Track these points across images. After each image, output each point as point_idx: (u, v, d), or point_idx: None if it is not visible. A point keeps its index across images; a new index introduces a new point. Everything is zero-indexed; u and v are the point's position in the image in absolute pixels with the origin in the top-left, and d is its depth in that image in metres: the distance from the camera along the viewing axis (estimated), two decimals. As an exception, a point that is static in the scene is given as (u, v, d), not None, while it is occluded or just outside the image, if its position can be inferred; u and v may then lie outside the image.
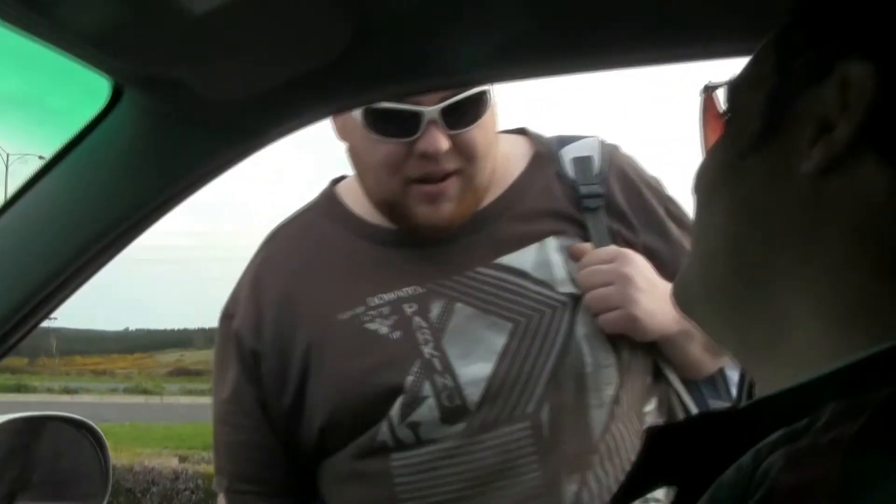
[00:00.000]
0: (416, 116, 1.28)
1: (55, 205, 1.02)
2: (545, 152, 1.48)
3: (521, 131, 1.54)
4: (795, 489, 0.44)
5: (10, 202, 1.03)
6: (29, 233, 1.03)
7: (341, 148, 1.42)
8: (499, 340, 1.32)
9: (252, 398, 1.41)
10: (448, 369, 1.31)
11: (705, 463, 0.53)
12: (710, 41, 0.91)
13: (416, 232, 1.38)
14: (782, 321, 0.59)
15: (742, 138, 0.63)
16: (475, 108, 1.33)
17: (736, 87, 0.67)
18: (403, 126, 1.30)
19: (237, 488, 1.45)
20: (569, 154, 1.46)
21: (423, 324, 1.34)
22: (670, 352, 1.42)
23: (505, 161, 1.44)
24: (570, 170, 1.45)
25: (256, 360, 1.41)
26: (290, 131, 0.95)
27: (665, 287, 1.32)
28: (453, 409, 1.30)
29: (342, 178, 1.54)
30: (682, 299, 0.71)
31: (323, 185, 1.55)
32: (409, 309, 1.35)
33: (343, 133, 1.40)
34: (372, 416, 1.32)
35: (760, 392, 0.61)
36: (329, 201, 1.51)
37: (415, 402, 1.30)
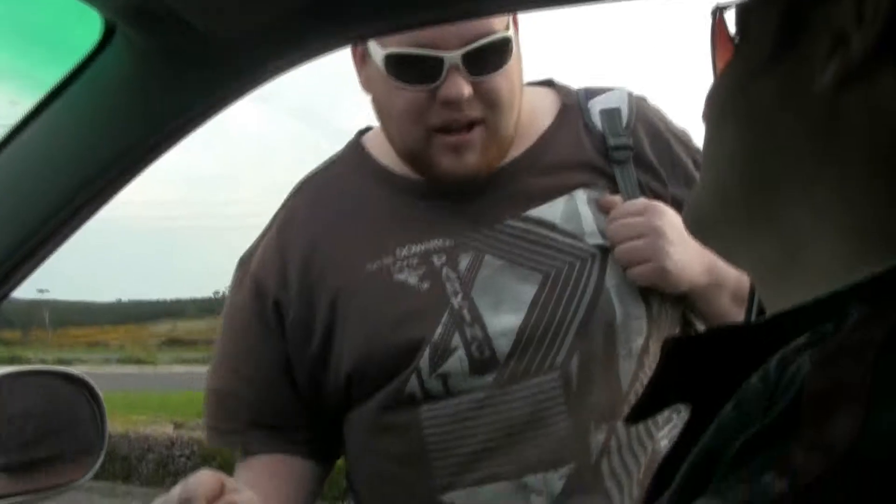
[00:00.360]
0: (438, 62, 1.28)
1: (46, 147, 1.00)
2: (572, 104, 1.48)
3: (549, 83, 1.54)
4: (826, 390, 0.43)
5: (1, 146, 1.00)
6: (19, 177, 1.00)
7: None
8: (528, 291, 1.33)
9: (273, 349, 1.42)
10: (477, 320, 1.32)
11: (724, 375, 0.52)
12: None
13: (440, 182, 1.38)
14: (796, 240, 0.58)
15: (754, 58, 0.62)
16: (498, 55, 1.32)
17: (747, 7, 0.65)
18: (425, 72, 1.30)
19: (254, 436, 1.44)
20: (597, 106, 1.47)
21: (453, 275, 1.35)
22: (700, 303, 1.42)
23: (532, 114, 1.44)
24: (598, 122, 1.45)
25: (279, 309, 1.41)
26: (290, 66, 0.91)
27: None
28: (483, 360, 1.30)
29: (368, 128, 1.54)
30: (694, 223, 0.70)
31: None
32: (437, 260, 1.36)
33: (367, 84, 1.41)
34: (399, 365, 1.32)
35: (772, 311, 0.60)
36: (356, 153, 1.51)
37: (444, 353, 1.31)
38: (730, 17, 0.67)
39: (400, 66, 1.31)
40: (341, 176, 1.50)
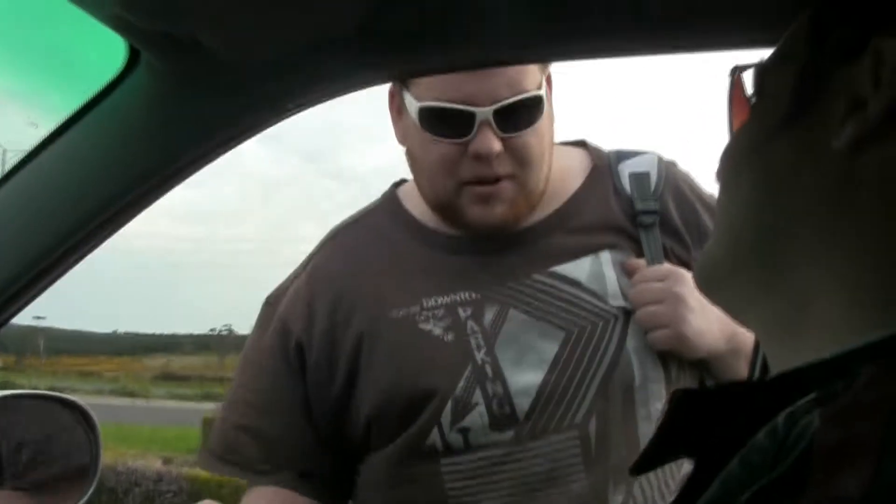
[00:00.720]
0: (470, 117, 1.31)
1: (67, 170, 1.00)
2: (603, 166, 1.50)
3: (581, 144, 1.56)
4: (837, 446, 0.43)
5: (19, 167, 1.00)
6: (35, 199, 1.01)
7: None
8: (551, 349, 1.34)
9: (294, 389, 1.43)
10: (499, 376, 1.33)
11: (729, 431, 0.52)
12: (730, 32, 0.89)
13: (469, 231, 1.40)
14: (805, 298, 0.58)
15: (770, 118, 0.63)
16: (529, 113, 1.34)
17: (765, 69, 0.67)
18: (457, 127, 1.32)
19: (265, 472, 1.44)
20: (627, 169, 1.49)
21: (476, 328, 1.36)
22: (717, 369, 1.42)
23: (563, 173, 1.47)
24: (627, 185, 1.47)
25: (301, 351, 1.42)
26: (313, 103, 0.92)
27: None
28: (503, 417, 1.31)
29: (403, 181, 1.56)
30: (704, 278, 0.70)
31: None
32: (463, 313, 1.37)
33: (402, 136, 1.44)
34: (419, 413, 1.33)
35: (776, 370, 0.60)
36: (390, 204, 1.53)
37: (465, 407, 1.32)
38: (747, 78, 0.69)
39: (433, 120, 1.34)
40: (374, 226, 1.51)
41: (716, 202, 1.54)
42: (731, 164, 0.67)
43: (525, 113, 1.34)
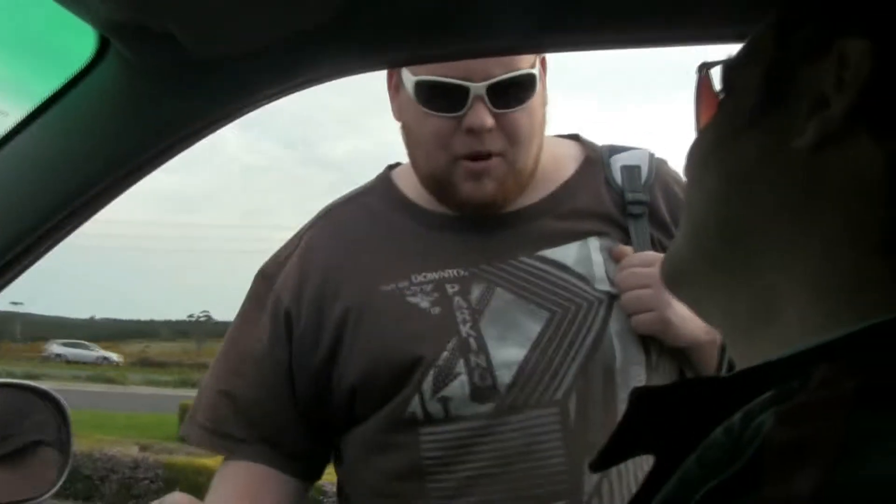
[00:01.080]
0: (464, 92, 1.35)
1: (33, 159, 0.99)
2: (596, 158, 1.55)
3: (575, 137, 1.61)
4: (790, 444, 0.44)
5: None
6: (10, 186, 1.00)
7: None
8: (535, 327, 1.37)
9: (279, 357, 1.45)
10: (483, 349, 1.36)
11: (690, 427, 0.52)
12: (707, 26, 0.90)
13: (461, 208, 1.45)
14: (770, 297, 0.59)
15: (737, 115, 0.64)
16: (522, 91, 1.39)
17: (732, 66, 0.68)
18: (451, 101, 1.36)
19: (245, 445, 1.46)
20: (618, 162, 1.54)
21: (464, 304, 1.39)
22: (697, 359, 1.45)
23: (557, 161, 1.52)
24: (618, 177, 1.51)
25: (289, 320, 1.45)
26: (284, 93, 0.92)
27: None
28: (484, 388, 1.34)
29: (397, 164, 1.61)
30: (670, 272, 0.71)
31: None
32: (451, 289, 1.41)
33: (399, 112, 1.48)
34: (403, 383, 1.36)
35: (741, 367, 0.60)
36: (384, 184, 1.57)
37: (448, 377, 1.35)
38: (715, 75, 0.69)
39: (428, 94, 1.38)
40: (367, 204, 1.55)
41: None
42: (698, 161, 0.68)
43: (518, 90, 1.38)
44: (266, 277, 1.52)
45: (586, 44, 0.94)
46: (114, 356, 58.05)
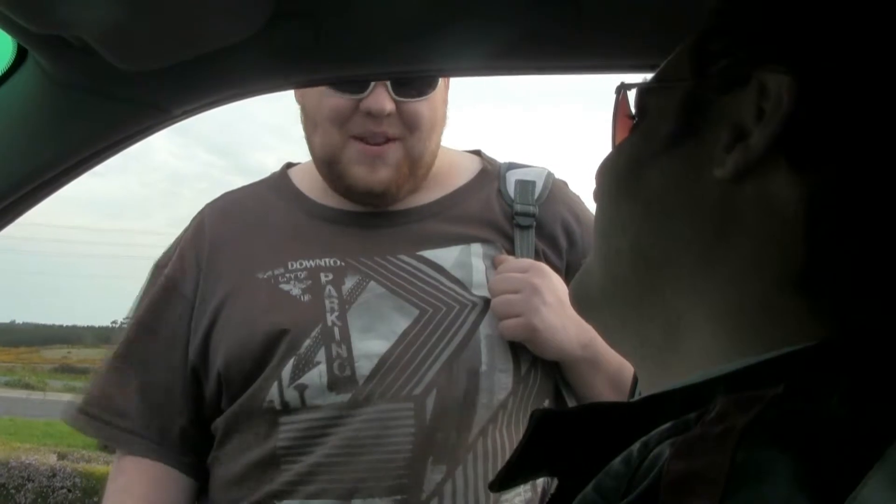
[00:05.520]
0: None
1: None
2: (492, 170, 1.58)
3: (476, 152, 1.64)
4: (684, 477, 0.44)
5: None
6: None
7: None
8: (402, 323, 1.38)
9: (182, 341, 1.45)
10: (346, 340, 1.36)
11: (591, 454, 0.52)
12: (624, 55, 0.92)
13: (350, 193, 1.45)
14: (677, 325, 0.59)
15: (652, 140, 0.63)
16: (424, 83, 1.41)
17: (647, 90, 0.66)
18: (354, 83, 1.37)
19: (140, 440, 1.45)
20: (514, 176, 1.56)
21: (334, 293, 1.40)
22: (573, 378, 1.46)
23: (452, 169, 1.55)
24: (511, 189, 1.53)
25: (184, 300, 1.46)
26: (199, 110, 0.92)
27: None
28: (342, 379, 1.34)
29: (295, 164, 1.63)
30: (580, 297, 0.71)
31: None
32: (324, 277, 1.41)
33: (300, 95, 1.49)
34: (263, 368, 1.36)
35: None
36: (279, 178, 1.60)
37: (307, 365, 1.35)
38: (633, 96, 0.68)
39: None
40: (258, 193, 1.58)
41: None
42: (612, 183, 0.67)
43: (420, 81, 1.40)
44: (160, 267, 1.53)
45: (485, 69, 0.96)
46: None
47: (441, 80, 1.43)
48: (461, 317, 1.39)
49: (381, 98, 1.37)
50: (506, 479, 0.59)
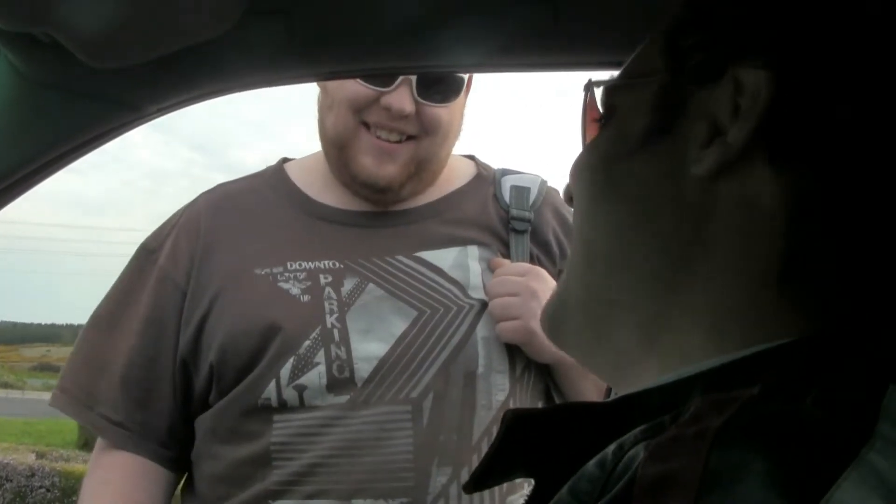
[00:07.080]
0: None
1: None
2: (487, 175, 1.60)
3: (470, 157, 1.66)
4: (658, 480, 0.43)
5: None
6: None
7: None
8: (401, 325, 1.39)
9: (168, 324, 1.44)
10: (345, 342, 1.36)
11: (567, 454, 0.52)
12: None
13: (354, 182, 1.46)
14: (655, 325, 0.58)
15: (624, 139, 0.61)
16: (449, 90, 1.43)
17: (616, 87, 0.65)
18: (381, 76, 1.37)
19: (121, 432, 1.44)
20: (509, 182, 1.58)
21: (333, 295, 1.40)
22: (563, 382, 1.48)
23: (450, 173, 1.56)
24: (507, 194, 1.55)
25: (175, 288, 1.45)
26: (173, 108, 0.92)
27: None
28: (341, 380, 1.35)
29: (291, 159, 1.63)
30: (553, 322, 0.69)
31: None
32: (323, 279, 1.41)
33: None
34: (257, 362, 1.36)
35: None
36: (275, 173, 1.59)
37: (306, 365, 1.35)
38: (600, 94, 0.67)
39: None
40: (254, 188, 1.56)
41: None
42: (586, 184, 0.65)
43: (446, 87, 1.42)
44: (149, 251, 1.51)
45: (461, 67, 0.95)
46: None
47: (464, 87, 1.44)
48: (458, 319, 1.40)
49: (403, 98, 1.38)
50: (480, 480, 0.58)
